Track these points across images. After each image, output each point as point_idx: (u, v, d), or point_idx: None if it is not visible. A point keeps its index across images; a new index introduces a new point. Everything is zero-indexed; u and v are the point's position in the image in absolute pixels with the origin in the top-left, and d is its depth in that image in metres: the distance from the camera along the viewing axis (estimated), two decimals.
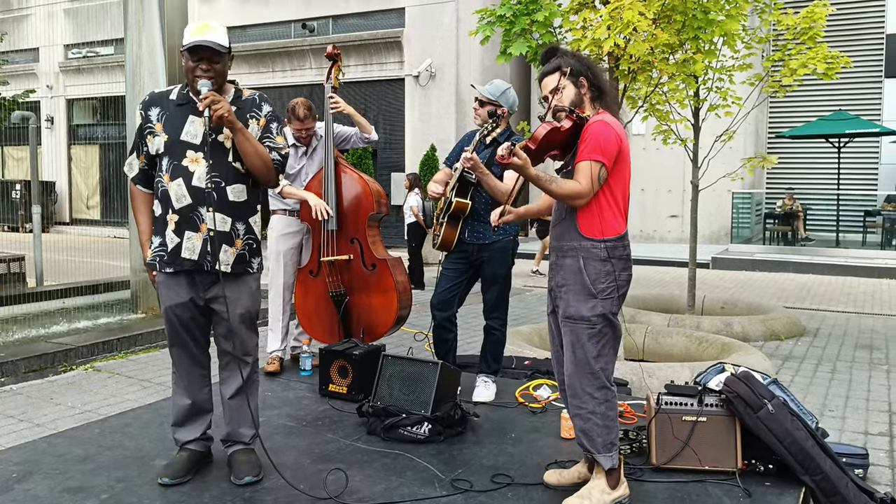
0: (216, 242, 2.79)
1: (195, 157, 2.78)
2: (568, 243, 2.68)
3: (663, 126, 7.16)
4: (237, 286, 2.88)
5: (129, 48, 7.38)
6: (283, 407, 3.83)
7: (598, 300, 2.61)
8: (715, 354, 5.39)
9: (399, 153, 16.16)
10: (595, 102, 2.74)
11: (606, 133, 2.59)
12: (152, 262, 2.87)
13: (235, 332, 2.90)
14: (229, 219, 2.82)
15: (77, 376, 5.26)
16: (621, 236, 2.66)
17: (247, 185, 2.87)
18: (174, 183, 2.79)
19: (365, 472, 2.97)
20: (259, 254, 2.97)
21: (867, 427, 4.25)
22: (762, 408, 2.80)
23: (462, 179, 3.86)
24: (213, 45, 2.73)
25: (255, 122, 2.88)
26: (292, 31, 17.36)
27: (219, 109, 2.66)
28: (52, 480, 2.89)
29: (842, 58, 6.65)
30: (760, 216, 15.51)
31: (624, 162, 2.66)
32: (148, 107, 2.88)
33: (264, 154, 2.82)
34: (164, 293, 2.88)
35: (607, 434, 2.63)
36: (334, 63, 4.53)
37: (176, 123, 2.81)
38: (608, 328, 2.64)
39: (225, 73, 2.83)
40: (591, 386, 2.62)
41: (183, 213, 2.79)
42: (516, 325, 6.75)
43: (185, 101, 2.84)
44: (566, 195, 2.61)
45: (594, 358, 2.62)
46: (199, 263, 2.81)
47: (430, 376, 3.48)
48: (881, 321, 7.85)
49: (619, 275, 2.64)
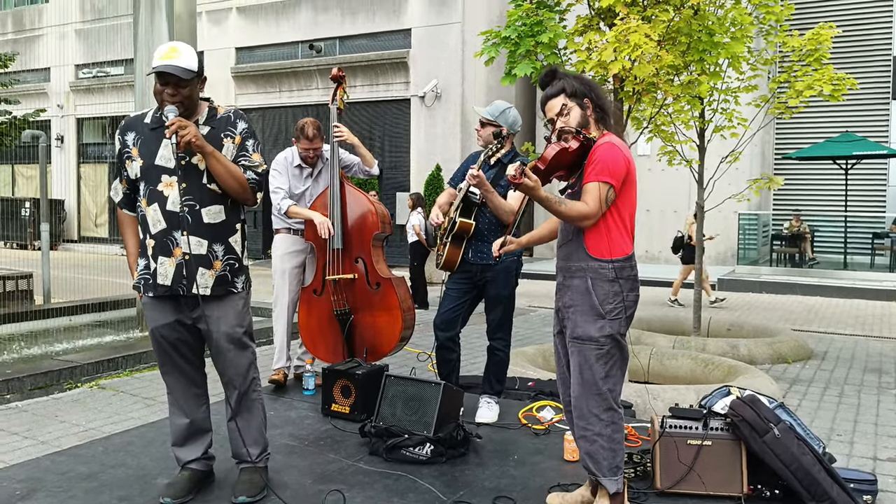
0: (192, 266, 2.77)
1: (169, 182, 2.76)
2: (576, 264, 2.69)
3: (668, 147, 7.16)
4: (221, 306, 2.85)
5: (138, 68, 7.46)
6: (285, 426, 3.81)
7: (606, 321, 2.61)
8: (721, 377, 5.35)
9: (404, 173, 16.23)
10: (599, 123, 2.76)
11: (615, 155, 2.62)
12: (137, 285, 2.88)
13: (223, 353, 2.88)
14: (205, 241, 2.79)
15: (82, 394, 5.26)
16: (629, 257, 2.67)
17: (224, 206, 2.84)
18: (150, 208, 2.78)
19: (366, 494, 2.95)
20: (243, 272, 2.93)
21: (876, 452, 4.19)
22: (768, 432, 2.77)
23: (466, 200, 3.87)
24: (175, 70, 2.69)
25: (229, 142, 2.85)
26: (299, 52, 17.54)
27: (185, 136, 2.64)
28: (55, 498, 2.89)
29: (848, 79, 6.65)
30: (767, 238, 15.46)
31: (631, 183, 2.68)
32: (125, 131, 2.87)
33: (238, 175, 2.79)
34: (149, 314, 2.87)
35: (613, 457, 2.61)
36: (339, 85, 4.57)
37: (151, 147, 2.80)
38: (616, 349, 2.64)
39: (193, 97, 2.79)
40: (598, 407, 2.61)
41: (158, 238, 2.78)
42: (520, 345, 6.72)
43: (158, 124, 2.81)
44: (575, 216, 2.62)
45: (602, 379, 2.61)
46: (174, 289, 2.78)
47: (432, 397, 3.47)
48: (890, 344, 7.78)
49: (626, 295, 2.65)
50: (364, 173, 4.65)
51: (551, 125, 2.76)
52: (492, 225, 3.89)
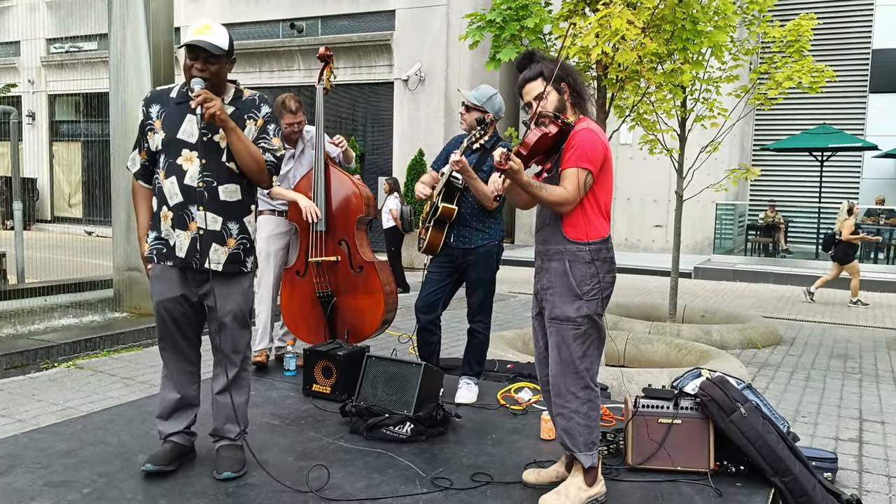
0: (206, 241, 2.82)
1: (189, 156, 2.81)
2: (553, 247, 2.74)
3: (650, 136, 7.25)
4: (229, 284, 2.90)
5: (113, 44, 7.30)
6: (266, 406, 3.85)
7: (583, 301, 2.67)
8: (694, 361, 5.48)
9: (387, 157, 16.19)
10: (576, 108, 2.80)
11: (593, 141, 2.67)
12: (150, 255, 2.91)
13: (226, 330, 2.92)
14: (220, 218, 2.84)
15: (59, 373, 5.24)
16: (605, 239, 2.73)
17: (241, 185, 2.89)
18: (168, 181, 2.83)
19: (347, 470, 3.01)
20: (253, 253, 2.99)
21: (838, 433, 4.34)
22: (735, 411, 2.87)
23: (449, 184, 3.91)
24: (207, 45, 2.76)
25: (252, 123, 2.90)
26: (280, 31, 17.35)
27: (210, 108, 2.69)
28: (34, 474, 2.89)
29: (827, 71, 6.77)
30: (743, 227, 15.70)
31: (608, 169, 2.73)
32: (149, 103, 2.92)
33: (257, 154, 2.84)
34: (156, 287, 2.91)
35: (589, 433, 2.69)
36: (326, 65, 4.55)
37: (174, 121, 2.85)
38: (593, 329, 2.70)
39: (222, 75, 2.86)
40: (575, 386, 2.68)
41: (175, 211, 2.83)
42: (500, 330, 6.81)
43: (184, 99, 2.87)
44: (554, 202, 2.67)
45: (579, 358, 2.67)
46: (188, 261, 2.84)
47: (413, 377, 3.52)
48: (856, 332, 7.99)
49: (603, 276, 2.71)
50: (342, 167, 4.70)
51: (529, 109, 2.79)
52: (474, 210, 3.93)
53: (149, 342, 6.21)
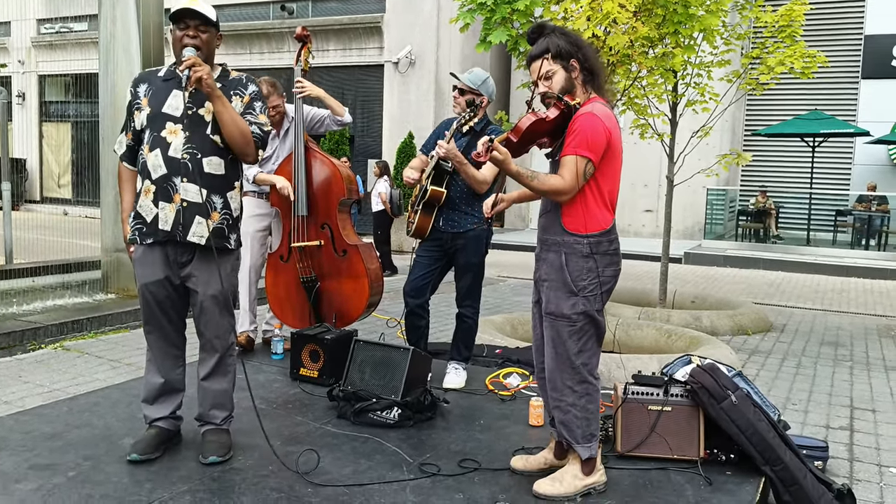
0: (190, 213, 2.79)
1: (174, 129, 2.80)
2: (552, 237, 2.63)
3: (641, 120, 7.21)
4: (211, 267, 2.86)
5: (102, 25, 7.25)
6: (253, 389, 3.80)
7: (579, 297, 2.56)
8: (684, 347, 5.47)
9: (376, 140, 16.09)
10: (587, 85, 2.63)
11: (594, 126, 2.49)
12: (132, 237, 2.89)
13: (207, 313, 2.89)
14: (204, 190, 2.81)
15: (46, 355, 5.20)
16: (606, 231, 2.58)
17: (224, 160, 2.87)
18: (152, 154, 2.81)
19: (334, 455, 2.98)
20: (236, 231, 2.96)
21: (829, 421, 4.35)
22: (726, 399, 2.86)
23: (438, 168, 3.86)
24: (198, 10, 2.77)
25: (238, 100, 2.89)
26: (271, 13, 17.17)
27: (198, 72, 2.68)
28: (18, 457, 2.87)
29: (819, 56, 6.73)
30: (734, 213, 15.71)
31: (613, 155, 2.56)
32: (137, 84, 2.93)
33: (242, 124, 2.82)
34: (139, 271, 2.89)
35: (587, 426, 2.64)
36: (304, 45, 4.47)
37: (160, 97, 2.84)
38: (590, 325, 2.59)
39: (211, 46, 2.86)
40: (571, 380, 2.61)
41: (158, 184, 2.80)
42: (489, 314, 6.79)
43: (171, 76, 2.88)
44: (549, 191, 2.54)
45: (575, 354, 2.59)
46: (172, 234, 2.81)
47: (400, 362, 3.50)
48: (847, 319, 8.02)
49: (602, 271, 2.57)
50: (337, 124, 4.56)
51: (534, 86, 2.64)
52: (463, 193, 3.89)
53: (136, 324, 6.17)
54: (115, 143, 3.01)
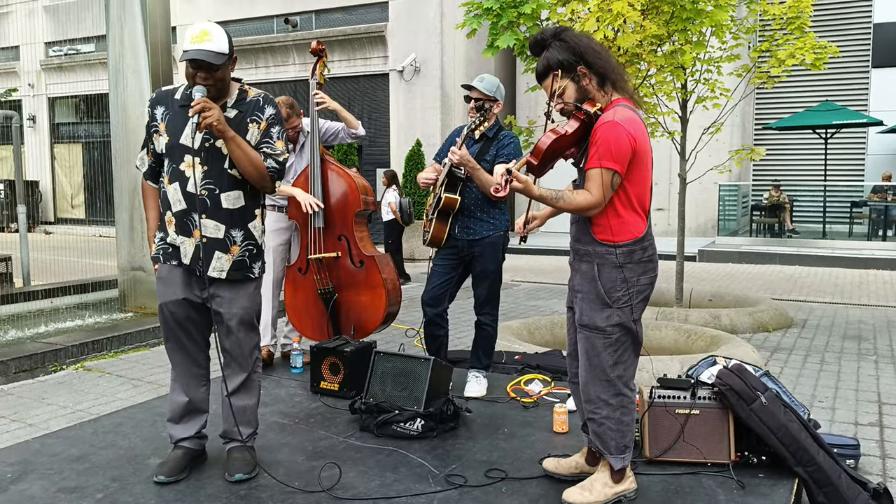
0: (209, 249, 2.78)
1: (191, 163, 2.77)
2: (584, 247, 2.56)
3: (651, 119, 7.17)
4: (235, 289, 2.85)
5: (111, 46, 7.31)
6: (275, 405, 3.81)
7: (613, 309, 2.49)
8: (704, 347, 5.42)
9: (384, 149, 16.11)
10: (603, 88, 2.53)
11: (617, 135, 2.40)
12: (156, 255, 2.89)
13: (233, 334, 2.88)
14: (223, 226, 2.80)
15: (68, 376, 5.23)
16: (639, 239, 2.50)
17: (244, 192, 2.84)
18: (171, 187, 2.80)
19: (359, 469, 2.96)
20: (260, 258, 2.94)
21: (857, 418, 4.28)
22: (755, 400, 2.81)
23: (451, 175, 3.84)
24: (206, 56, 2.66)
25: (255, 127, 2.83)
26: (275, 27, 17.26)
27: (207, 118, 2.63)
28: (46, 481, 2.87)
29: (830, 47, 6.67)
30: (747, 208, 15.59)
31: (641, 161, 2.47)
32: (154, 105, 2.89)
33: (257, 161, 2.77)
34: (161, 289, 2.89)
35: (621, 438, 2.59)
36: (319, 59, 4.50)
37: (177, 125, 2.80)
38: (626, 336, 2.52)
39: (225, 79, 2.80)
40: (606, 393, 2.55)
41: (178, 217, 2.80)
42: (505, 319, 6.76)
43: (186, 101, 2.80)
44: (578, 209, 2.46)
45: (610, 367, 2.52)
46: (192, 268, 2.82)
47: (422, 372, 3.47)
48: (868, 312, 7.92)
49: (637, 280, 2.50)
50: (351, 136, 4.59)
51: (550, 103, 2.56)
52: (478, 200, 3.87)
53: (155, 342, 6.19)
54: (136, 160, 3.00)
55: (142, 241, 7.02)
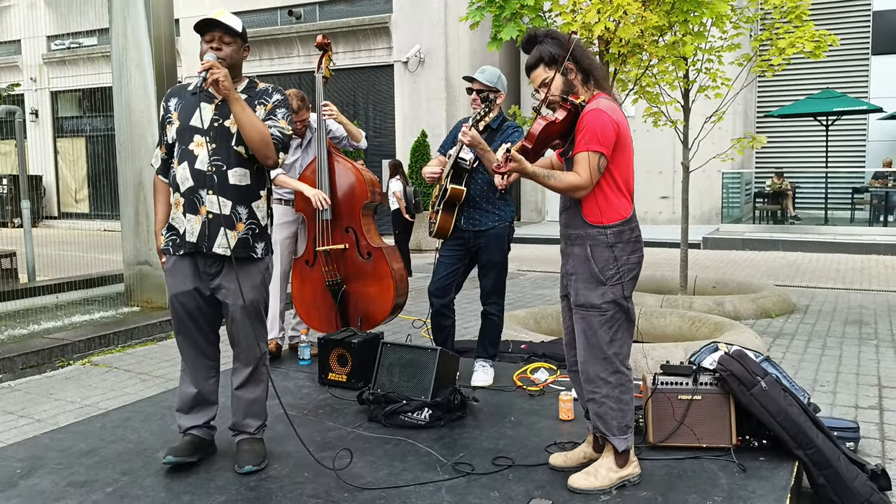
0: (215, 225, 2.84)
1: (200, 141, 2.85)
2: (575, 231, 2.69)
3: (653, 108, 7.18)
4: (241, 276, 2.89)
5: (114, 39, 7.29)
6: (283, 396, 3.84)
7: (607, 287, 2.62)
8: (708, 333, 5.46)
9: (389, 140, 16.12)
10: (587, 84, 2.72)
11: (602, 121, 2.58)
12: (165, 248, 2.94)
13: (238, 324, 2.93)
14: (229, 202, 2.85)
15: (75, 371, 5.27)
16: (626, 220, 2.66)
17: (250, 170, 2.90)
18: (180, 167, 2.87)
19: (367, 459, 3.01)
20: (264, 240, 2.98)
21: (857, 401, 4.33)
22: (756, 385, 2.86)
23: (457, 166, 3.88)
24: (221, 22, 2.80)
25: (262, 108, 2.92)
26: (278, 19, 17.23)
27: (215, 74, 2.71)
28: (56, 475, 2.91)
29: (829, 36, 6.68)
30: (750, 196, 15.59)
31: (624, 146, 2.64)
32: (168, 98, 2.99)
33: (261, 126, 2.82)
34: (170, 281, 2.94)
35: (622, 417, 2.67)
36: (325, 52, 4.52)
37: (189, 111, 2.89)
38: (620, 313, 2.65)
39: (237, 59, 2.90)
40: (604, 371, 2.65)
41: (186, 196, 2.86)
42: (511, 309, 6.80)
43: (198, 90, 2.90)
44: (567, 188, 2.61)
45: (607, 344, 2.64)
46: (199, 245, 2.86)
47: (429, 362, 3.52)
48: (870, 297, 7.95)
49: (627, 259, 2.65)
50: (353, 147, 4.65)
51: (539, 93, 2.73)
52: (483, 191, 3.91)
53: (162, 336, 6.24)
54: (147, 157, 3.08)
55: (147, 235, 7.04)
